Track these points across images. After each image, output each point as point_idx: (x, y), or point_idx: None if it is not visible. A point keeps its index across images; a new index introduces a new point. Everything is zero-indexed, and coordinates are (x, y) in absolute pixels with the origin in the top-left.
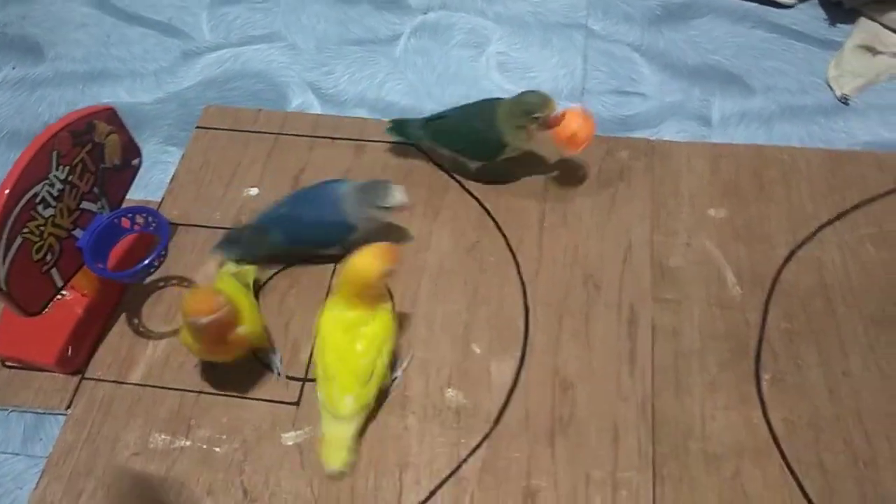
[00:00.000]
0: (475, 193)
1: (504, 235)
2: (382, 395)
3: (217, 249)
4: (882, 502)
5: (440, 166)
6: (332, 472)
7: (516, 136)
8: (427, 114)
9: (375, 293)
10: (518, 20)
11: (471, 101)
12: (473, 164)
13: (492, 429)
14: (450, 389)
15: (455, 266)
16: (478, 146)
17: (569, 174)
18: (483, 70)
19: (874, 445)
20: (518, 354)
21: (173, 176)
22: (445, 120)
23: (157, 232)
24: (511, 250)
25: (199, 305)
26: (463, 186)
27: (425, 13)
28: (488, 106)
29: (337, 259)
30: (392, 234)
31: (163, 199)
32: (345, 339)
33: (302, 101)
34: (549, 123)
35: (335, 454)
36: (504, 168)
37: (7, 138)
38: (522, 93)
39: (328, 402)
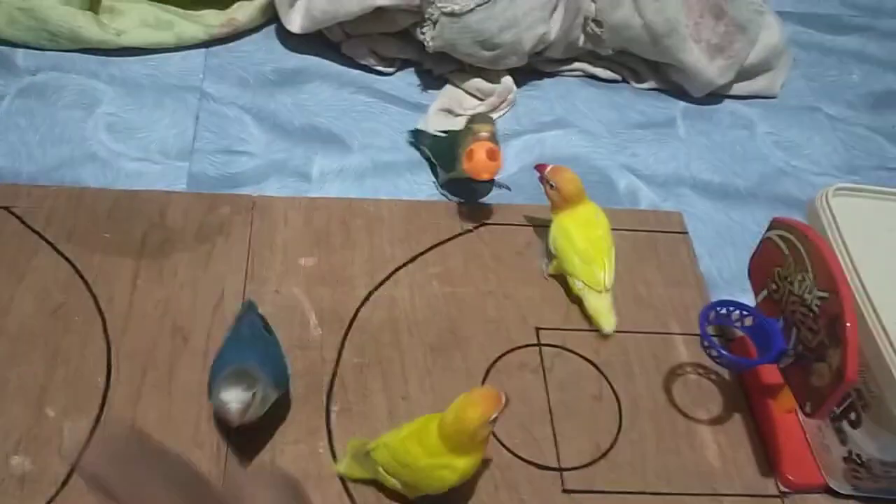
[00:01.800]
0: (67, 255)
1: (94, 295)
2: None
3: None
4: None
5: (31, 228)
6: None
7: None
8: (26, 175)
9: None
10: (132, 82)
11: (76, 162)
12: (442, 176)
13: (58, 492)
14: (16, 456)
15: (36, 328)
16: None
17: (168, 232)
18: (90, 131)
19: None
20: (94, 412)
21: None
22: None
23: None
24: (99, 309)
25: (491, 401)
26: (55, 249)
27: (34, 74)
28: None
29: None
30: None
31: None
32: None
33: None
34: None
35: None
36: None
37: None
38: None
39: (592, 281)
